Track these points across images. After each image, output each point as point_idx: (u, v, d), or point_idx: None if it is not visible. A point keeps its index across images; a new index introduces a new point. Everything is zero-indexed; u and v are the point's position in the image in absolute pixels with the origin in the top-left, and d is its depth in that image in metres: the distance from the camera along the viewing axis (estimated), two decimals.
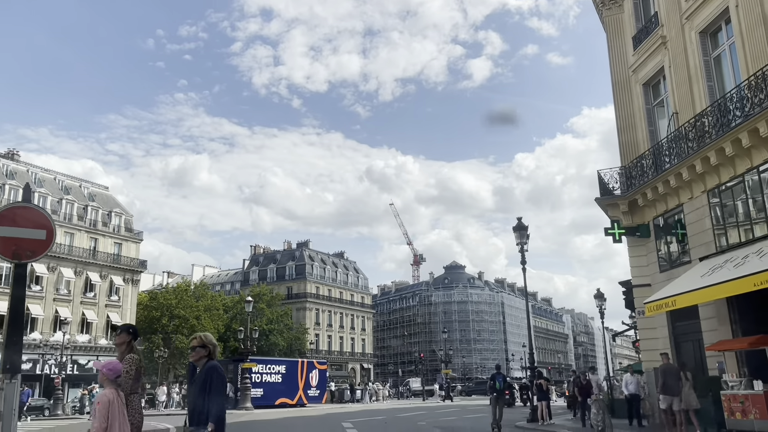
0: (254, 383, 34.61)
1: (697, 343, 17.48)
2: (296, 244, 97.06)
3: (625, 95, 21.62)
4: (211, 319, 64.40)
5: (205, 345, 5.69)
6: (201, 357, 5.66)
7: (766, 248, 13.48)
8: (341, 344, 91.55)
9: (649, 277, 19.88)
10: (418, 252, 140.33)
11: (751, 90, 14.58)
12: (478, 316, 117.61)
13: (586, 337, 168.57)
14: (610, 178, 20.91)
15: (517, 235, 22.99)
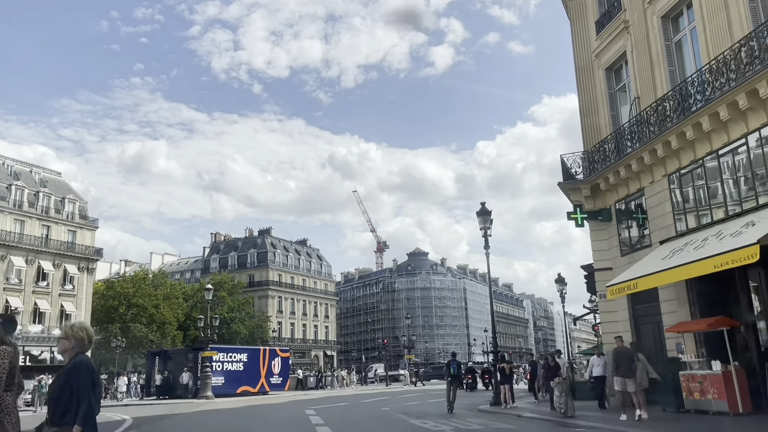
0: (215, 372, 34.02)
1: (657, 326, 17.73)
2: (258, 232, 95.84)
3: (588, 80, 21.68)
4: (170, 307, 63.22)
5: (68, 337, 4.93)
6: (66, 349, 5.01)
7: (725, 231, 13.64)
8: (304, 332, 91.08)
9: (610, 261, 20.07)
10: (381, 239, 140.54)
11: (712, 74, 14.69)
12: (441, 302, 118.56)
13: (545, 321, 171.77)
14: (572, 163, 20.99)
15: (480, 220, 22.91)
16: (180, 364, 36.80)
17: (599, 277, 20.39)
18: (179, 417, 20.57)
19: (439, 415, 18.27)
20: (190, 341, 60.12)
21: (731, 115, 14.12)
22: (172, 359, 38.17)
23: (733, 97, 13.82)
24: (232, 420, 17.79)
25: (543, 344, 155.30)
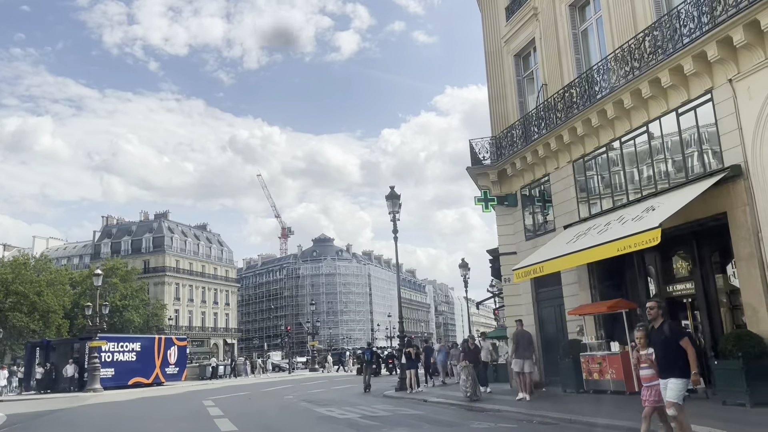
0: (104, 363, 31.75)
1: (559, 309, 18.15)
2: (154, 215, 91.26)
3: (497, 66, 21.79)
4: (55, 294, 58.69)
5: None
6: None
7: (627, 215, 13.99)
8: (203, 319, 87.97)
9: (515, 245, 20.35)
10: (286, 225, 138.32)
11: (617, 62, 15.00)
12: (346, 288, 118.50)
13: (446, 306, 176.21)
14: (480, 148, 21.04)
15: (389, 204, 22.59)
16: (64, 355, 34.10)
17: (504, 261, 20.65)
18: (61, 413, 18.85)
19: (345, 402, 17.82)
20: (77, 331, 56.14)
21: (634, 103, 14.49)
22: (55, 350, 35.32)
23: (637, 85, 14.16)
24: (119, 415, 16.44)
25: (444, 329, 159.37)
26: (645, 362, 7.70)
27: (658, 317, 7.61)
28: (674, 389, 7.22)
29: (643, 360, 7.73)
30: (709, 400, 12.06)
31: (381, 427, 11.44)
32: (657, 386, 7.53)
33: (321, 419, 13.55)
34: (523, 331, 16.43)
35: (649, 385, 7.68)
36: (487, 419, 12.27)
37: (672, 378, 7.26)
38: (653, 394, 7.59)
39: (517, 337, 16.10)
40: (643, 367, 7.77)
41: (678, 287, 14.76)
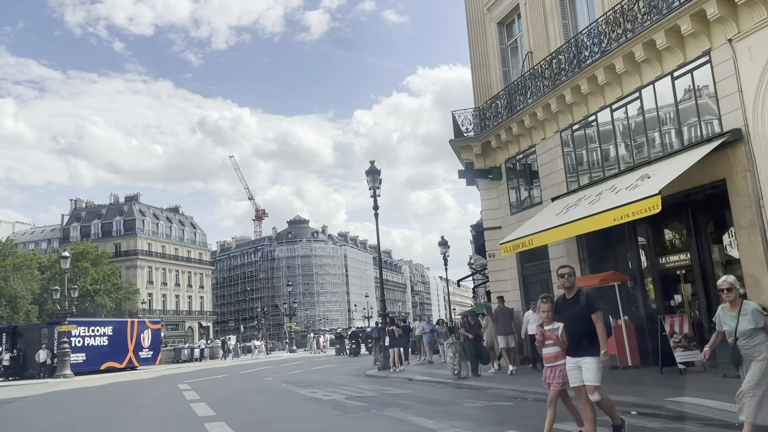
0: (75, 348, 30.70)
1: (546, 283, 17.61)
2: (124, 198, 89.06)
3: (479, 34, 21.03)
4: (22, 279, 56.98)
5: None
6: None
7: (620, 185, 13.45)
8: (177, 303, 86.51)
9: (500, 220, 19.79)
10: (260, 207, 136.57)
11: (608, 25, 14.35)
12: (322, 269, 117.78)
13: (422, 286, 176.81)
14: (464, 120, 20.34)
15: (369, 179, 21.86)
16: (34, 340, 32.87)
17: (489, 236, 20.10)
18: (28, 400, 17.91)
19: (327, 383, 17.20)
20: (47, 316, 54.54)
21: (627, 67, 13.88)
22: (23, 336, 34.01)
23: (630, 48, 13.53)
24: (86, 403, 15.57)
25: (420, 308, 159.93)
26: (549, 339, 6.66)
27: (573, 286, 6.60)
28: (594, 370, 6.28)
29: (547, 336, 6.67)
30: (708, 372, 11.68)
31: (369, 408, 10.82)
32: (562, 366, 6.53)
33: (305, 401, 12.90)
34: (503, 307, 16.82)
35: (553, 365, 6.67)
36: (479, 397, 11.73)
37: (588, 357, 6.30)
38: (558, 376, 6.58)
39: (496, 314, 16.53)
40: (547, 344, 6.71)
41: (671, 259, 14.33)
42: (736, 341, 6.18)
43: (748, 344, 6.09)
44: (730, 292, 6.29)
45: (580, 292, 6.54)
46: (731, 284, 6.31)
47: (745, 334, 6.08)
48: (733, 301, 6.30)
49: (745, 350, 6.14)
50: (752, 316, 6.07)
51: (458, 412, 9.88)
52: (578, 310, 6.38)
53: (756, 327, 6.04)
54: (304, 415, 10.67)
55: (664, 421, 7.89)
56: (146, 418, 11.82)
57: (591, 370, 6.28)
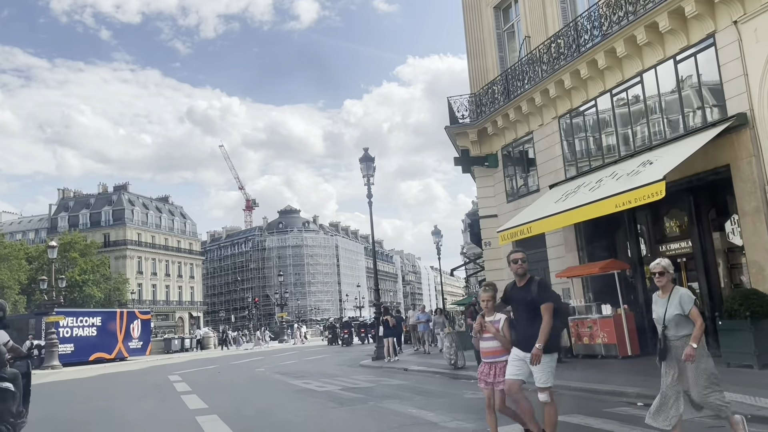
0: (63, 338, 30.22)
1: (543, 272, 17.36)
2: (113, 188, 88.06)
3: (475, 18, 20.65)
4: (9, 270, 56.26)
5: None
6: None
7: (620, 171, 13.18)
8: (167, 293, 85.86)
9: (495, 208, 19.53)
10: (250, 197, 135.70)
11: (609, 7, 14.02)
12: (313, 259, 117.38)
13: (413, 276, 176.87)
14: (460, 106, 20.01)
15: (363, 167, 21.48)
16: (21, 331, 32.15)
17: (485, 225, 19.84)
18: None
19: (321, 373, 16.90)
20: (35, 306, 53.93)
21: (628, 51, 13.59)
22: (9, 327, 33.37)
23: (631, 31, 13.25)
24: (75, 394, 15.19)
25: (411, 298, 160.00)
26: (489, 331, 5.98)
27: (525, 273, 5.87)
28: (545, 370, 5.56)
29: (486, 328, 6.00)
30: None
31: (367, 400, 10.53)
32: (504, 363, 5.84)
33: (299, 392, 12.58)
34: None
35: (492, 361, 5.95)
36: (477, 388, 11.44)
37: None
38: (501, 374, 5.83)
39: None
40: (485, 337, 6.02)
41: (672, 246, 14.11)
42: (665, 330, 5.58)
43: (675, 334, 5.51)
44: (661, 276, 5.69)
45: (532, 280, 5.84)
46: (664, 268, 5.70)
47: (672, 321, 5.53)
48: (665, 287, 5.72)
49: (673, 341, 5.54)
50: (680, 301, 5.52)
51: (458, 404, 9.60)
52: (530, 301, 5.73)
53: (682, 314, 5.46)
54: (299, 408, 10.35)
55: None
56: (136, 412, 11.47)
57: (542, 369, 5.55)
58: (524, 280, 5.85)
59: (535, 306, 5.65)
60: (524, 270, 5.86)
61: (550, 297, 5.75)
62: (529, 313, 5.73)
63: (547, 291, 5.83)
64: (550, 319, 5.58)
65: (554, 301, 5.78)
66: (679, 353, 5.41)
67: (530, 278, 5.86)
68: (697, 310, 5.49)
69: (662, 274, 5.68)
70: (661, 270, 5.69)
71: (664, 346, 5.56)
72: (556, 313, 5.69)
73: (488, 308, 6.10)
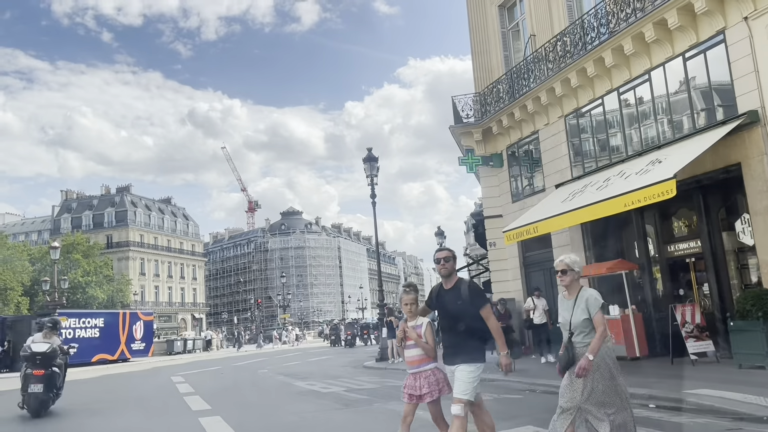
0: (65, 340, 29.78)
1: (549, 272, 17.22)
2: (116, 189, 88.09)
3: (480, 17, 20.51)
4: (12, 271, 56.16)
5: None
6: None
7: (628, 170, 13.02)
8: (170, 294, 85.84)
9: (501, 208, 19.36)
10: (252, 198, 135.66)
11: (617, 4, 13.86)
12: (316, 261, 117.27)
13: (416, 277, 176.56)
14: (464, 105, 19.85)
15: (366, 167, 21.38)
16: (23, 332, 32.03)
17: (489, 225, 19.66)
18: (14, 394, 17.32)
19: (325, 374, 16.75)
20: (38, 308, 53.83)
21: (636, 48, 13.42)
22: (12, 328, 33.30)
23: (640, 28, 13.08)
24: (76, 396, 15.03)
25: None
26: (411, 338, 5.31)
27: (451, 274, 5.21)
28: (466, 380, 4.88)
29: (408, 334, 5.32)
30: (721, 363, 11.31)
31: (372, 401, 10.37)
32: (428, 372, 5.19)
33: (303, 394, 12.43)
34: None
35: (417, 371, 5.27)
36: (486, 390, 11.22)
37: (463, 364, 4.95)
38: (425, 385, 5.17)
39: None
40: (408, 345, 5.34)
41: (680, 246, 13.91)
42: (571, 336, 4.96)
43: (583, 341, 4.90)
44: (564, 275, 5.05)
45: (461, 282, 5.18)
46: (567, 265, 5.03)
47: (578, 326, 4.91)
48: (570, 287, 5.07)
49: (579, 348, 4.91)
50: (587, 304, 4.91)
51: None
52: (459, 304, 5.04)
53: (589, 318, 4.89)
54: (304, 409, 10.19)
55: (689, 415, 7.45)
56: (138, 413, 11.33)
57: (462, 379, 4.89)
58: (451, 282, 5.18)
59: (465, 311, 4.99)
60: (448, 271, 5.16)
61: (485, 300, 5.14)
62: (456, 321, 5.05)
63: (481, 294, 5.18)
64: (496, 321, 5.07)
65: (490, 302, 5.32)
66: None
67: (459, 280, 5.20)
68: (602, 316, 4.90)
69: (565, 273, 5.05)
70: (563, 267, 5.05)
71: (569, 355, 4.95)
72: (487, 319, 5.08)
73: (411, 312, 5.39)
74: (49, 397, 10.87)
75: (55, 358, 10.96)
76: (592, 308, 4.89)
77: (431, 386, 5.14)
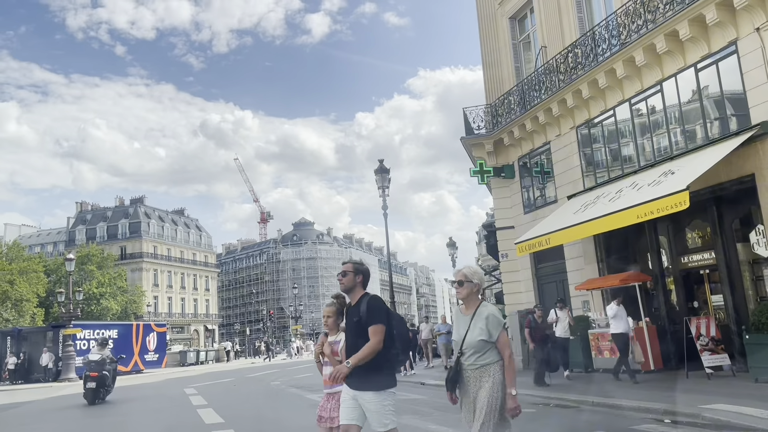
0: (79, 351, 30.33)
1: (561, 284, 17.18)
2: (130, 201, 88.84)
3: (491, 29, 20.57)
4: (28, 282, 56.63)
5: None
6: None
7: (641, 181, 12.97)
8: (183, 306, 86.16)
9: (512, 219, 19.30)
10: (265, 209, 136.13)
11: (628, 16, 13.87)
12: (327, 271, 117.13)
13: (427, 288, 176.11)
14: (475, 117, 19.87)
15: (378, 178, 21.40)
16: (38, 344, 32.56)
17: (501, 236, 19.60)
18: (30, 406, 17.49)
19: None
20: (53, 319, 54.27)
21: (647, 59, 13.40)
22: (27, 339, 33.67)
23: (651, 39, 13.08)
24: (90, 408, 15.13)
25: (425, 310, 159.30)
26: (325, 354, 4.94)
27: (355, 287, 4.64)
28: (378, 411, 4.33)
29: (324, 351, 4.95)
30: (737, 377, 11.17)
31: None
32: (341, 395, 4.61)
33: (315, 407, 12.37)
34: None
35: (330, 391, 4.94)
36: None
37: (369, 392, 4.37)
38: (334, 407, 4.80)
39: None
40: (325, 361, 5.01)
41: (694, 258, 13.82)
42: (461, 356, 4.30)
43: (475, 363, 4.24)
44: (461, 286, 4.41)
45: (364, 297, 4.61)
46: (465, 276, 4.40)
47: (473, 347, 4.25)
48: (467, 301, 4.42)
49: (470, 370, 4.25)
50: (486, 324, 4.24)
51: None
52: (356, 322, 4.53)
53: (488, 339, 4.22)
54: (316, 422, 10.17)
55: (704, 430, 7.37)
56: (152, 426, 11.38)
57: (375, 411, 4.34)
58: (355, 298, 4.66)
59: (363, 330, 4.46)
60: (347, 286, 4.64)
61: (380, 318, 4.47)
62: (357, 339, 4.49)
63: (377, 312, 4.51)
64: (377, 343, 4.36)
65: (385, 324, 4.46)
66: (474, 388, 4.23)
67: (363, 295, 4.65)
68: (507, 338, 4.33)
69: (462, 284, 4.41)
70: (461, 278, 4.41)
71: (454, 374, 4.32)
72: (392, 341, 4.49)
73: (329, 326, 5.01)
74: (99, 392, 15.33)
75: (104, 365, 15.44)
76: (494, 329, 4.24)
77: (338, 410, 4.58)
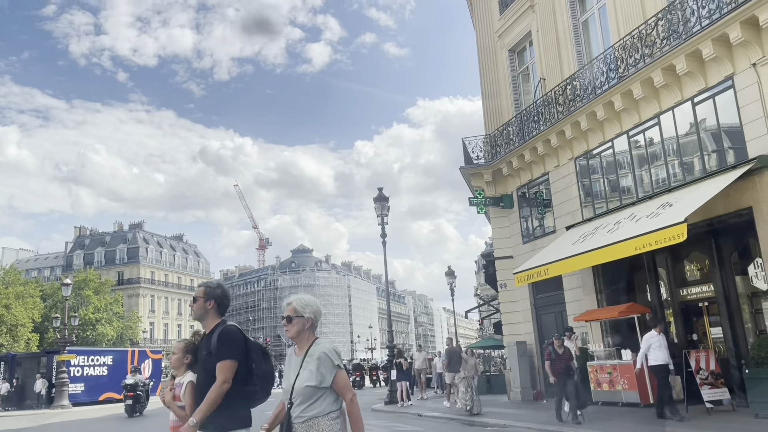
0: (73, 378, 29.97)
1: (560, 315, 17.09)
2: (128, 226, 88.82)
3: (490, 61, 20.84)
4: (24, 307, 56.27)
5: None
6: None
7: (639, 213, 13.00)
8: (179, 332, 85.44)
9: (511, 249, 19.29)
10: (263, 236, 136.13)
11: (626, 50, 14.06)
12: (325, 299, 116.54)
13: (426, 317, 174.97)
14: (474, 147, 20.01)
15: (377, 206, 21.46)
16: (32, 370, 32.24)
17: (500, 266, 19.57)
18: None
19: None
20: (48, 344, 53.75)
21: (645, 93, 13.55)
22: (21, 365, 33.36)
23: (648, 73, 13.23)
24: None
25: (423, 340, 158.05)
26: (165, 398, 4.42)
27: (206, 315, 4.04)
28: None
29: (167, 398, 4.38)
30: (737, 412, 11.05)
31: None
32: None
33: None
34: (453, 348, 18.50)
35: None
36: None
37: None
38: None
39: (449, 354, 17.85)
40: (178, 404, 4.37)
41: (693, 290, 13.78)
42: (290, 407, 3.41)
43: (302, 415, 3.36)
44: (290, 323, 3.57)
45: (217, 327, 3.98)
46: (295, 310, 3.58)
47: (300, 395, 3.39)
48: (299, 340, 3.58)
49: (297, 424, 3.37)
50: (318, 365, 3.40)
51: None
52: (206, 356, 3.93)
53: (318, 385, 3.37)
54: None
55: None
56: None
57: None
58: (209, 327, 4.03)
59: (212, 365, 3.81)
60: (197, 314, 4.05)
61: (230, 353, 3.80)
62: (207, 376, 3.84)
63: (228, 344, 3.84)
64: (221, 384, 3.71)
65: (237, 358, 3.80)
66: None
67: (218, 324, 4.01)
68: (347, 379, 3.51)
69: (290, 320, 3.57)
70: (290, 313, 3.58)
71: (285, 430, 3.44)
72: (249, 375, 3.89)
73: (173, 364, 4.44)
74: (136, 407, 20.96)
75: (137, 386, 21.25)
76: (327, 371, 3.41)
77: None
